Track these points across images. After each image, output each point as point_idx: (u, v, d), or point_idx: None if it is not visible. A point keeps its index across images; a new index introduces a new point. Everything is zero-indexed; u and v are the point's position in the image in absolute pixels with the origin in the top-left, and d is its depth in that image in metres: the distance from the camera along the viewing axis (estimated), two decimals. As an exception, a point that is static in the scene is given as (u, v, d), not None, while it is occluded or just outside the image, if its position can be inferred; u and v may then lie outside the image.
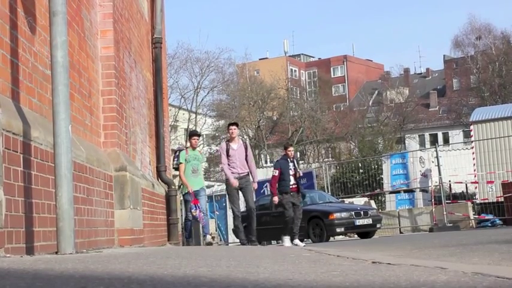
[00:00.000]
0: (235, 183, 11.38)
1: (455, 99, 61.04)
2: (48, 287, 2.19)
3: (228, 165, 11.55)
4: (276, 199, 12.67)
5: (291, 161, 12.76)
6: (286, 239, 12.65)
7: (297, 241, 12.75)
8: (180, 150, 12.47)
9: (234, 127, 11.84)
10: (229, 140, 11.80)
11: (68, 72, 4.68)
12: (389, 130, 54.97)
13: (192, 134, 12.73)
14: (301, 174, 13.16)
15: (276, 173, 12.62)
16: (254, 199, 12.49)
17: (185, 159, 11.83)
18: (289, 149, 12.94)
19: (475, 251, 5.02)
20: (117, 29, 7.40)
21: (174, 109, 45.77)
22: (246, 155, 11.63)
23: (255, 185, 11.88)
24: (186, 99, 48.63)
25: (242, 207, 12.22)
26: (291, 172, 12.58)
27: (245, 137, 47.31)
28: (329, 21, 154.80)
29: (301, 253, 4.73)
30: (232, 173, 11.49)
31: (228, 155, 11.55)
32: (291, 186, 12.50)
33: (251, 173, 11.71)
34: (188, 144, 12.48)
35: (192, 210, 11.58)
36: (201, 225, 12.30)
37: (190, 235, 12.00)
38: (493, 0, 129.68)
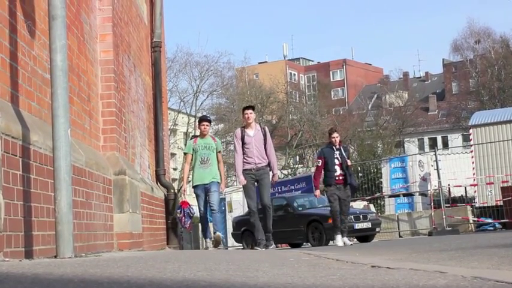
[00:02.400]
0: (243, 181, 10.02)
1: (454, 103, 61.10)
2: (47, 291, 2.19)
3: (244, 154, 9.99)
4: (317, 193, 11.43)
5: (337, 149, 11.28)
6: (338, 238, 11.29)
7: (345, 239, 11.45)
8: (193, 137, 11.02)
9: (249, 111, 10.18)
10: (245, 126, 10.22)
11: (67, 76, 4.68)
12: (388, 134, 54.95)
13: (201, 120, 10.83)
14: (350, 164, 11.46)
15: (320, 163, 11.20)
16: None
17: (192, 149, 10.34)
18: (333, 135, 11.35)
19: (474, 255, 5.02)
20: (117, 32, 7.41)
21: (173, 113, 45.77)
22: (265, 143, 10.05)
23: (276, 178, 10.29)
24: (186, 102, 48.61)
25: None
26: (337, 161, 11.17)
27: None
28: (328, 25, 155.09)
29: (300, 257, 4.72)
30: (249, 163, 9.95)
31: (243, 143, 10.00)
32: (336, 178, 11.14)
33: (270, 164, 10.12)
34: (198, 132, 10.72)
35: (177, 211, 10.24)
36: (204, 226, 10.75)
37: (206, 234, 10.53)
38: (492, 4, 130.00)
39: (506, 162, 19.62)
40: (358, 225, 15.70)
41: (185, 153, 10.64)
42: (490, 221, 18.31)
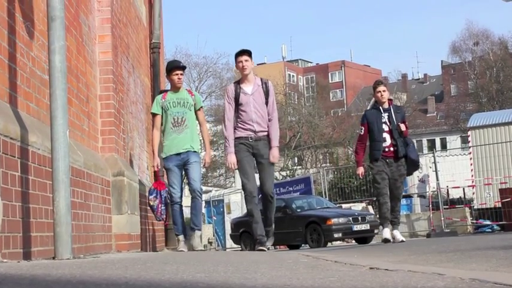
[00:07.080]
0: (232, 162, 7.35)
1: (452, 105, 61.23)
2: (45, 292, 2.19)
3: (239, 119, 7.34)
4: (360, 171, 8.75)
5: (386, 110, 8.53)
6: (385, 230, 9.02)
7: (396, 233, 9.10)
8: (161, 92, 8.20)
9: (244, 57, 7.40)
10: (240, 81, 7.51)
11: (66, 77, 4.67)
12: (387, 135, 54.96)
13: (172, 67, 7.82)
14: (404, 129, 8.52)
15: (362, 130, 8.62)
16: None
17: (161, 107, 7.74)
18: (378, 89, 8.50)
19: (472, 256, 5.01)
20: (115, 34, 7.41)
21: (171, 114, 45.77)
22: (267, 103, 7.39)
23: (275, 153, 7.40)
24: (184, 104, 48.66)
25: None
26: (386, 127, 8.54)
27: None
28: (327, 26, 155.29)
29: (298, 258, 4.72)
30: (245, 129, 7.32)
31: (237, 104, 7.31)
32: (385, 150, 8.58)
33: (270, 134, 7.38)
34: (168, 85, 8.13)
35: (151, 197, 7.73)
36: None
37: (180, 228, 7.82)
38: (491, 6, 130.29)
39: (505, 164, 19.65)
40: (357, 227, 15.73)
41: (153, 114, 7.94)
42: (488, 222, 18.32)
